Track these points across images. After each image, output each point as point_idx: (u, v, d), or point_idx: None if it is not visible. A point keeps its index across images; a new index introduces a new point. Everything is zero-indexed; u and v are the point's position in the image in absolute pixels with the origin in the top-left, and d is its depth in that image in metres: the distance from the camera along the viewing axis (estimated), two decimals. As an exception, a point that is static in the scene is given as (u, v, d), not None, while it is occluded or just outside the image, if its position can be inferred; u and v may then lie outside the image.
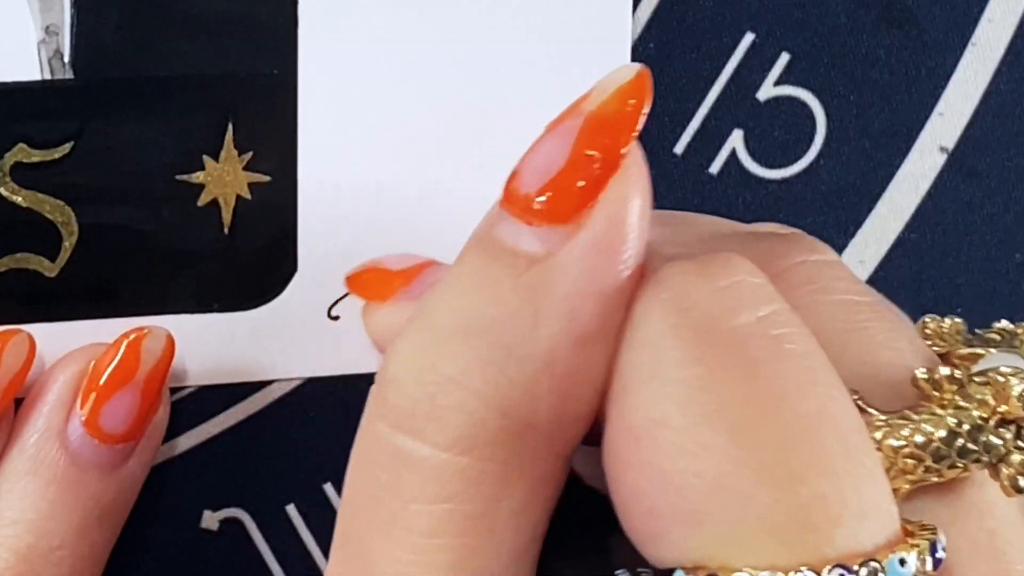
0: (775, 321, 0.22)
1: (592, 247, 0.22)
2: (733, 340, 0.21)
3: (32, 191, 0.35)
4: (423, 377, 0.22)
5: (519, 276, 0.22)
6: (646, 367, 0.22)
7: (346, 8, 0.35)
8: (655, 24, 0.38)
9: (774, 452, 0.21)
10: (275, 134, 0.36)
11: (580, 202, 0.22)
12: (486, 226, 0.23)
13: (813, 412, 0.21)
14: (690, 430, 0.21)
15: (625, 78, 0.23)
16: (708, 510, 0.21)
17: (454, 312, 0.22)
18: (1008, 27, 0.39)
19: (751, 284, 0.22)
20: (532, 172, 0.22)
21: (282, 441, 0.38)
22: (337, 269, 0.36)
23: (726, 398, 0.21)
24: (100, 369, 0.34)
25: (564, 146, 0.22)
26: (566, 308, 0.22)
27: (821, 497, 0.20)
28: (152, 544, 0.37)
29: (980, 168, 0.40)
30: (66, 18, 0.34)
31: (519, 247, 0.22)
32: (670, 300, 0.22)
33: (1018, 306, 0.41)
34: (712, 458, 0.21)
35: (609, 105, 0.22)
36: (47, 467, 0.34)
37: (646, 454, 0.21)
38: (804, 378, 0.21)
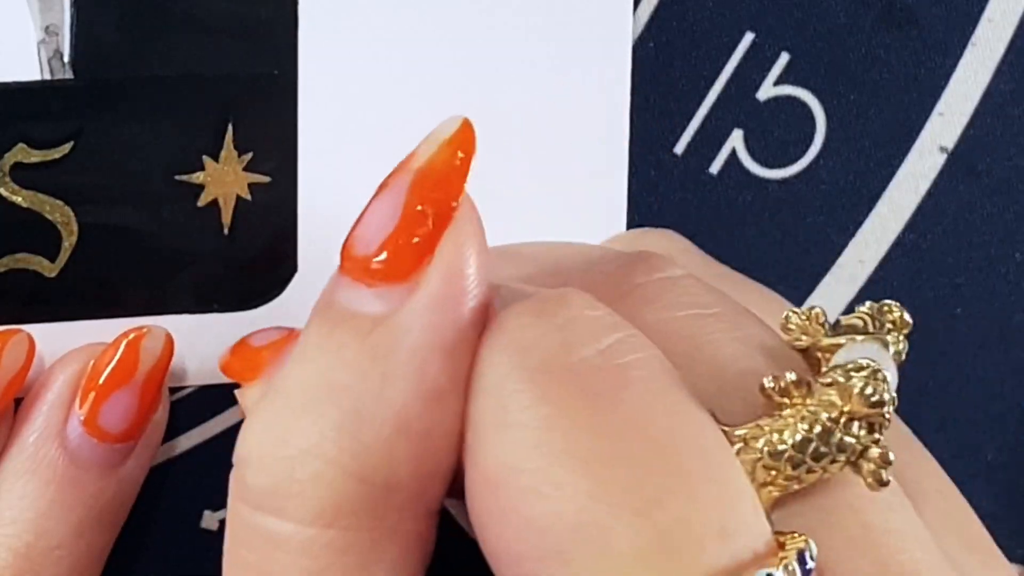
0: (617, 350, 0.22)
1: (432, 302, 0.22)
2: (575, 375, 0.21)
3: (32, 191, 0.35)
4: (277, 453, 0.22)
5: (364, 339, 0.22)
6: (493, 413, 0.21)
7: (346, 8, 0.35)
8: (655, 24, 0.38)
9: (627, 481, 0.20)
10: (275, 134, 0.36)
11: (416, 259, 0.22)
12: (328, 292, 0.23)
13: (665, 435, 0.21)
14: (543, 471, 0.21)
15: (449, 130, 0.23)
16: (571, 549, 0.20)
17: (302, 382, 0.22)
18: (1008, 27, 0.39)
19: (589, 317, 0.22)
20: (367, 233, 0.22)
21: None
22: (337, 269, 0.36)
23: (575, 434, 0.21)
24: (99, 368, 0.34)
25: (396, 204, 0.22)
26: (413, 366, 0.22)
27: (682, 520, 0.20)
28: (152, 544, 0.37)
29: (980, 168, 0.40)
30: (66, 18, 0.34)
31: (361, 309, 0.22)
32: (510, 344, 0.22)
33: (1018, 306, 0.41)
34: (568, 496, 0.20)
35: (436, 159, 0.22)
36: (46, 466, 0.34)
37: (504, 501, 0.21)
38: (653, 402, 0.21)
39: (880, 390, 0.23)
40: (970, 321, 0.40)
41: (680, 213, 0.38)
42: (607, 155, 0.37)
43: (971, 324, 0.40)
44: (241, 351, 0.30)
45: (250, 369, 0.29)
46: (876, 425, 0.23)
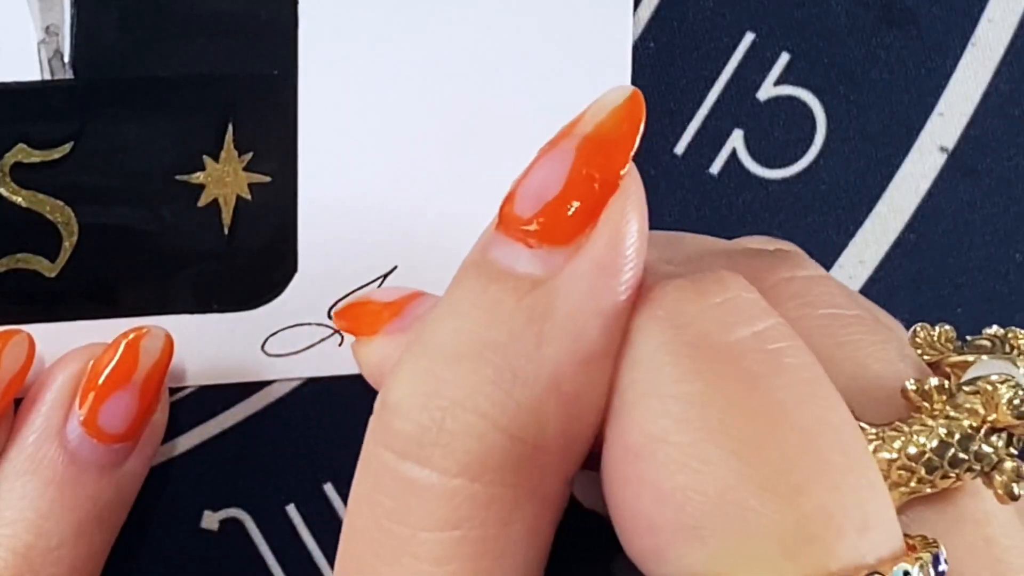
0: (771, 336, 0.22)
1: (593, 268, 0.22)
2: (730, 355, 0.21)
3: (32, 191, 0.35)
4: (429, 403, 0.22)
5: (521, 298, 0.22)
6: (643, 384, 0.22)
7: (346, 8, 0.35)
8: (655, 24, 0.38)
9: (776, 465, 0.21)
10: (275, 134, 0.36)
11: (580, 224, 0.22)
12: (482, 249, 0.23)
13: (813, 424, 0.21)
14: (690, 446, 0.21)
15: (620, 99, 0.23)
16: (710, 525, 0.21)
17: (457, 336, 0.22)
18: (1008, 27, 0.39)
19: (746, 299, 0.22)
20: (529, 195, 0.22)
21: (282, 441, 0.38)
22: (337, 269, 0.36)
23: (725, 412, 0.21)
24: (99, 369, 0.34)
25: (561, 168, 0.22)
26: (569, 329, 0.22)
27: (824, 509, 0.20)
28: (152, 544, 0.37)
29: (980, 168, 0.40)
30: (66, 18, 0.34)
31: (519, 270, 0.22)
32: (666, 317, 0.22)
33: (1018, 306, 0.41)
34: (713, 473, 0.21)
35: (606, 126, 0.22)
36: (46, 467, 0.34)
37: (645, 471, 0.21)
38: (803, 391, 0.21)
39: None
40: (970, 321, 0.40)
41: (680, 213, 0.38)
42: (607, 155, 0.37)
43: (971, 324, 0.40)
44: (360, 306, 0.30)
45: (369, 324, 0.29)
46: (1015, 438, 0.23)
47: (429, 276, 0.37)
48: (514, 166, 0.37)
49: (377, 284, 0.37)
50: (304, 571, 0.38)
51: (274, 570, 0.38)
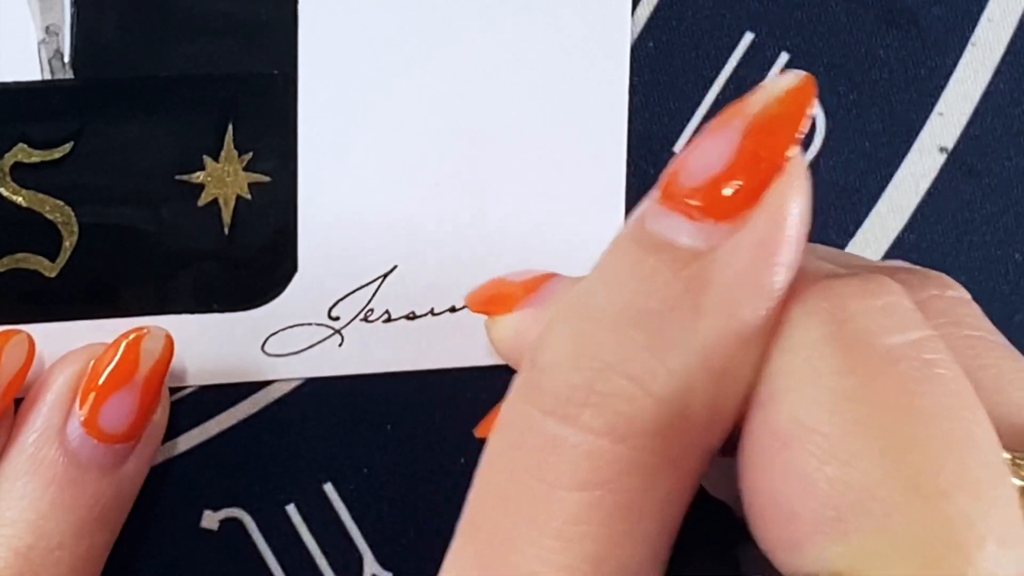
0: (927, 346, 0.22)
1: (754, 246, 0.22)
2: (888, 357, 0.22)
3: (32, 191, 0.35)
4: (581, 363, 0.22)
5: (680, 270, 0.22)
6: (799, 372, 0.22)
7: (346, 8, 0.35)
8: (655, 24, 0.38)
9: (923, 468, 0.21)
10: (275, 134, 0.36)
11: (744, 200, 0.22)
12: (640, 220, 0.23)
13: (962, 435, 0.21)
14: (840, 438, 0.21)
15: (792, 82, 0.23)
16: (854, 520, 0.21)
17: (613, 301, 0.22)
18: (1008, 27, 0.39)
19: (906, 307, 0.22)
20: (695, 168, 0.22)
21: (282, 441, 0.38)
22: (337, 269, 0.36)
23: (879, 411, 0.21)
24: (99, 369, 0.34)
25: (729, 145, 0.22)
26: (726, 304, 0.22)
27: (967, 517, 0.21)
28: (152, 544, 0.37)
29: (980, 168, 0.40)
30: (66, 18, 0.34)
31: (679, 241, 0.22)
32: (828, 311, 0.22)
33: (1018, 306, 0.41)
34: (861, 467, 0.21)
35: (775, 107, 0.22)
36: (46, 467, 0.34)
37: (792, 458, 0.21)
38: (953, 402, 0.21)
39: None
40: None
41: (680, 213, 0.38)
42: (606, 154, 0.37)
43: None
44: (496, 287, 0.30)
45: (504, 302, 0.30)
46: None
47: (429, 276, 0.37)
48: (513, 165, 0.37)
49: (377, 284, 0.37)
50: (304, 571, 0.38)
51: (274, 570, 0.38)
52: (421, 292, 0.37)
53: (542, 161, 0.37)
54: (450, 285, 0.37)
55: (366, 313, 0.37)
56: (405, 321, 0.37)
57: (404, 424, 0.38)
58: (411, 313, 0.37)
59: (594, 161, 0.37)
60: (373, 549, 0.38)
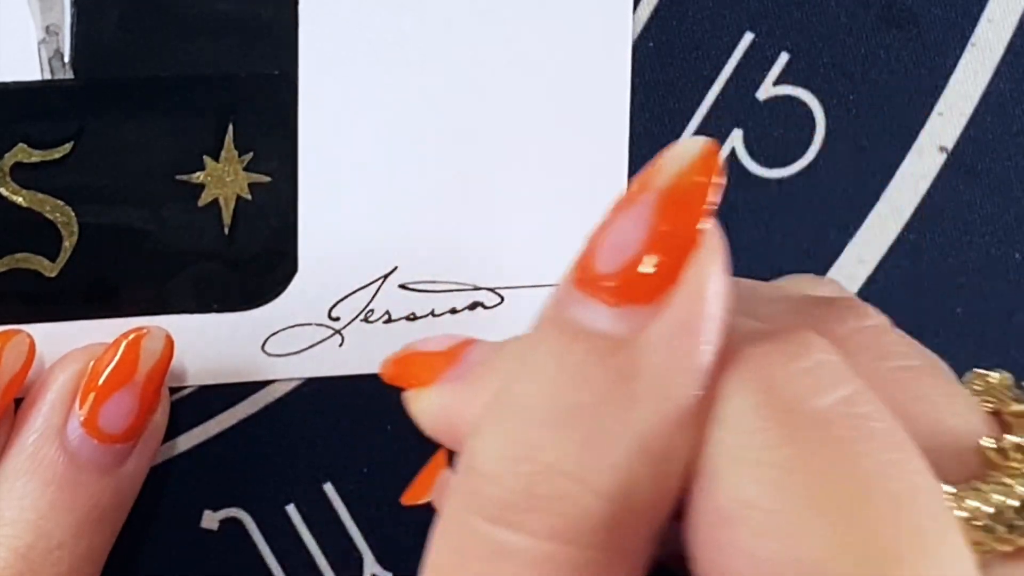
0: (857, 400, 0.21)
1: (677, 326, 0.21)
2: (820, 421, 0.21)
3: (32, 191, 0.35)
4: (519, 468, 0.22)
5: (606, 359, 0.21)
6: (733, 448, 0.21)
7: (347, 8, 0.35)
8: (655, 24, 0.38)
9: (871, 534, 0.20)
10: (275, 134, 0.36)
11: (661, 282, 0.21)
12: (558, 307, 0.22)
13: (905, 492, 0.21)
14: (782, 513, 0.21)
15: (695, 150, 0.22)
16: None
17: (543, 397, 0.22)
18: (1008, 27, 0.39)
19: (831, 363, 0.22)
20: (607, 251, 0.22)
21: (282, 441, 0.38)
22: (337, 269, 0.36)
23: (818, 480, 0.21)
24: (99, 369, 0.34)
25: (639, 225, 0.22)
26: (657, 388, 0.21)
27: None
28: (152, 544, 0.37)
29: (980, 168, 0.40)
30: (66, 18, 0.34)
31: (600, 328, 0.22)
32: (755, 380, 0.22)
33: (1018, 306, 0.41)
34: (808, 542, 0.20)
35: (682, 180, 0.22)
36: (46, 467, 0.34)
37: (736, 536, 0.21)
38: (892, 457, 0.21)
39: None
40: (970, 321, 0.40)
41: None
42: (607, 155, 0.37)
43: (971, 324, 0.41)
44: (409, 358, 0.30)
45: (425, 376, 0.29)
46: None
47: (429, 276, 0.37)
48: (513, 166, 0.37)
49: (377, 284, 0.37)
50: (304, 571, 0.38)
51: (274, 570, 0.38)
52: (421, 293, 0.37)
53: (543, 161, 0.37)
54: (451, 286, 0.37)
55: (366, 314, 0.37)
56: (405, 322, 0.37)
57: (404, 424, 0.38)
58: (411, 314, 0.37)
59: (595, 161, 0.37)
60: (373, 549, 0.38)
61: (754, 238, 0.39)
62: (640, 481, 0.21)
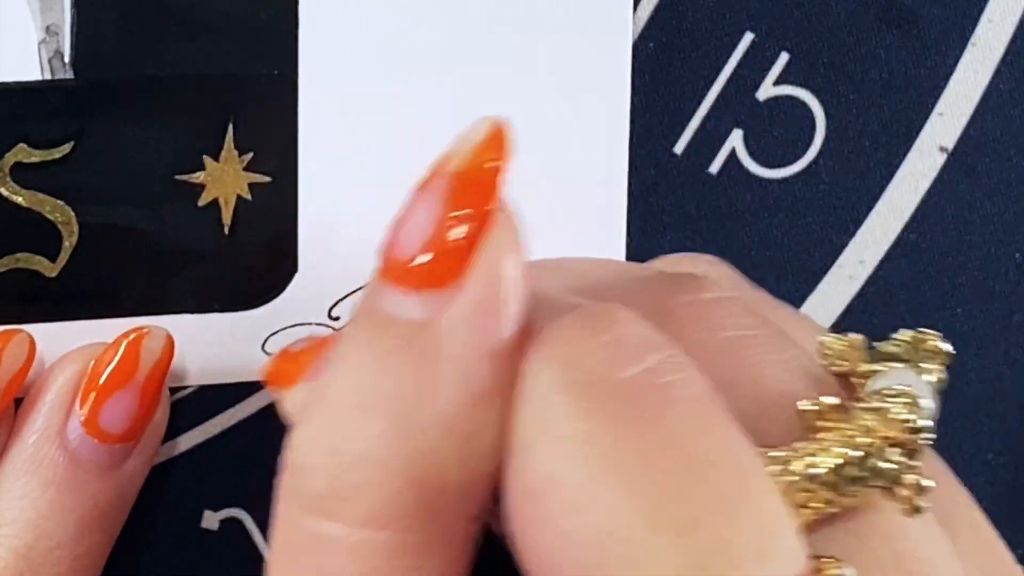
0: (662, 370, 0.22)
1: (474, 308, 0.22)
2: (619, 392, 0.21)
3: (32, 191, 0.35)
4: (330, 459, 0.22)
5: (410, 346, 0.22)
6: (534, 424, 0.21)
7: (347, 8, 0.35)
8: (655, 24, 0.38)
9: (669, 500, 0.20)
10: (275, 134, 0.36)
11: (455, 264, 0.22)
12: (368, 299, 0.23)
13: (707, 455, 0.21)
14: (583, 485, 0.21)
15: (483, 132, 0.23)
16: (610, 565, 0.20)
17: (350, 389, 0.22)
18: (1008, 27, 0.39)
19: (635, 335, 0.22)
20: (405, 238, 0.22)
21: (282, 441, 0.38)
22: (337, 269, 0.36)
23: (615, 450, 0.21)
24: (99, 369, 0.34)
25: (432, 209, 0.22)
26: (458, 371, 0.22)
27: (721, 542, 0.20)
28: (152, 544, 0.37)
29: (980, 168, 0.40)
30: (66, 18, 0.34)
31: (403, 315, 0.22)
32: (555, 356, 0.22)
33: (1018, 306, 0.41)
34: (608, 512, 0.20)
35: (472, 163, 0.22)
36: (46, 467, 0.34)
37: (543, 512, 0.21)
38: (696, 423, 0.21)
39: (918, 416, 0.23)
40: (970, 321, 0.40)
41: (680, 213, 0.38)
42: (607, 155, 0.37)
43: (971, 324, 0.41)
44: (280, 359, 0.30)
45: (289, 374, 0.29)
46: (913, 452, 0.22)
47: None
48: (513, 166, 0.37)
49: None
50: (304, 571, 0.38)
51: (274, 570, 0.38)
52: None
53: (543, 161, 0.37)
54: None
55: (366, 313, 0.37)
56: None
57: (404, 424, 0.38)
58: (411, 313, 0.37)
59: (595, 161, 0.37)
60: (373, 549, 0.38)
61: (754, 238, 0.39)
62: (448, 463, 0.22)
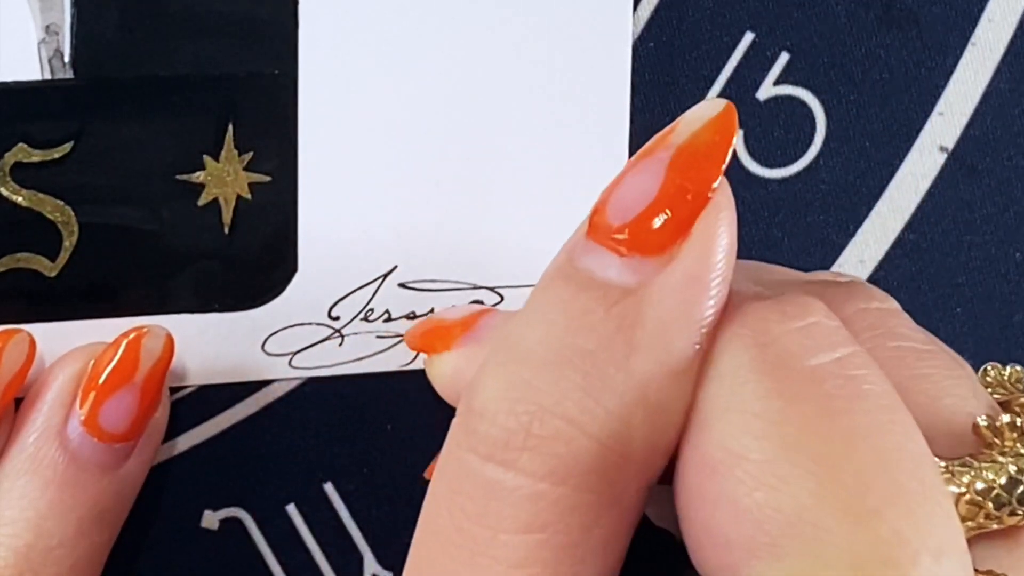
0: (852, 363, 0.22)
1: (684, 280, 0.22)
2: (811, 377, 0.22)
3: (32, 191, 0.35)
4: (517, 407, 0.22)
5: (611, 307, 0.22)
6: (724, 400, 0.22)
7: (347, 8, 0.35)
8: (655, 24, 0.38)
9: (853, 488, 0.21)
10: (275, 134, 0.36)
11: (672, 235, 0.22)
12: (568, 257, 0.23)
13: (891, 450, 0.21)
14: (768, 463, 0.21)
15: (714, 111, 0.23)
16: (787, 544, 0.21)
17: (545, 343, 0.22)
18: (1008, 27, 0.39)
19: (828, 326, 0.22)
20: (621, 204, 0.22)
21: (282, 441, 0.38)
22: (337, 269, 0.36)
23: (804, 432, 0.21)
24: (99, 368, 0.34)
25: (654, 178, 0.22)
26: (659, 339, 0.22)
27: (900, 534, 0.21)
28: (152, 544, 0.37)
29: (980, 168, 0.40)
30: (66, 18, 0.34)
31: (608, 277, 0.22)
32: (750, 336, 0.22)
33: (1018, 306, 0.41)
34: (791, 491, 0.21)
35: (699, 138, 0.22)
36: (46, 466, 0.34)
37: (722, 486, 0.21)
38: (882, 417, 0.21)
39: None
40: (970, 321, 0.40)
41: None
42: (607, 155, 0.37)
43: (971, 324, 0.41)
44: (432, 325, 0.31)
45: (440, 340, 0.30)
46: None
47: (429, 276, 0.37)
48: (514, 166, 0.37)
49: (377, 284, 0.37)
50: (304, 571, 0.38)
51: (274, 570, 0.38)
52: (421, 292, 0.37)
53: (543, 161, 0.37)
54: (450, 285, 0.37)
55: (366, 313, 0.37)
56: (405, 321, 0.37)
57: (404, 424, 0.38)
58: (411, 313, 0.37)
59: (595, 161, 0.37)
60: (373, 549, 0.38)
61: (754, 238, 0.39)
62: (635, 428, 0.22)
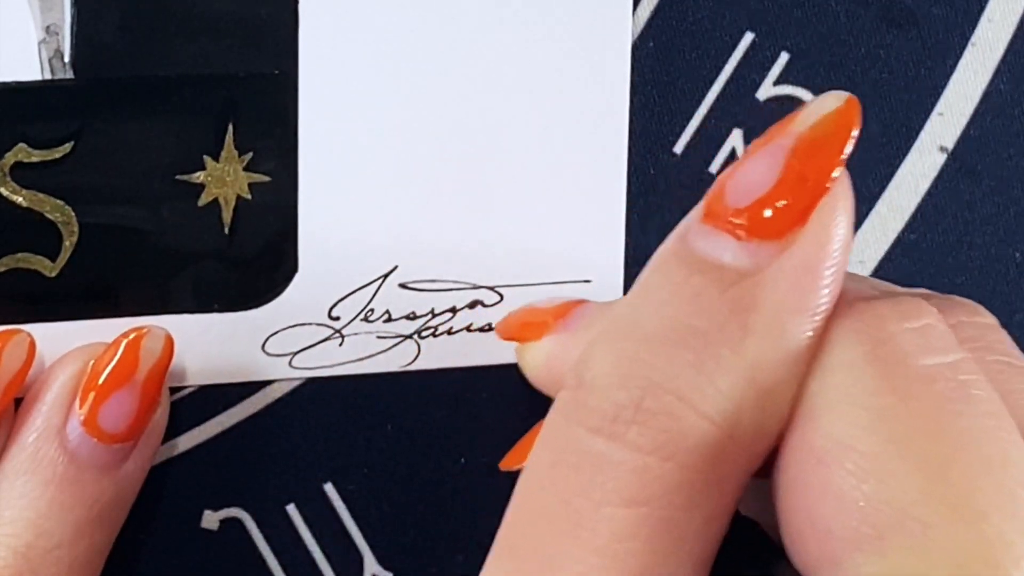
0: (963, 368, 0.22)
1: (800, 265, 0.22)
2: (925, 377, 0.22)
3: (32, 191, 0.35)
4: (628, 381, 0.22)
5: (726, 289, 0.22)
6: (836, 391, 0.22)
7: (347, 7, 0.35)
8: (655, 24, 0.38)
9: (961, 488, 0.21)
10: (275, 134, 0.36)
11: (790, 221, 0.22)
12: (682, 239, 0.23)
13: (997, 455, 0.21)
14: (877, 456, 0.21)
15: (837, 103, 0.23)
16: (892, 537, 0.21)
17: (659, 320, 0.22)
18: (1008, 27, 0.39)
19: (942, 329, 0.23)
20: (740, 188, 0.23)
21: (282, 441, 0.38)
22: (337, 269, 0.36)
23: (915, 430, 0.21)
24: (99, 368, 0.34)
25: (775, 165, 0.23)
26: (772, 324, 0.22)
27: (1004, 537, 0.21)
28: (152, 544, 0.37)
29: (980, 168, 0.40)
30: (66, 18, 0.34)
31: (724, 260, 0.22)
32: (866, 331, 0.22)
33: (1018, 306, 0.41)
34: (899, 486, 0.21)
35: (821, 128, 0.23)
36: (46, 466, 0.34)
37: (829, 477, 0.21)
38: (990, 423, 0.22)
39: None
40: (970, 321, 0.40)
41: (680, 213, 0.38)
42: (607, 155, 0.37)
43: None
44: (525, 313, 0.31)
45: (534, 329, 0.30)
46: None
47: (429, 275, 0.37)
48: (513, 166, 0.37)
49: (378, 284, 0.37)
50: (304, 571, 0.38)
51: (274, 570, 0.38)
52: (421, 292, 0.37)
53: (542, 161, 0.37)
54: (450, 285, 0.37)
55: (366, 313, 0.37)
56: (405, 321, 0.37)
57: (404, 424, 0.38)
58: (411, 313, 0.37)
59: (594, 161, 0.37)
60: (373, 549, 0.38)
61: (754, 238, 0.39)
62: (744, 411, 0.22)
